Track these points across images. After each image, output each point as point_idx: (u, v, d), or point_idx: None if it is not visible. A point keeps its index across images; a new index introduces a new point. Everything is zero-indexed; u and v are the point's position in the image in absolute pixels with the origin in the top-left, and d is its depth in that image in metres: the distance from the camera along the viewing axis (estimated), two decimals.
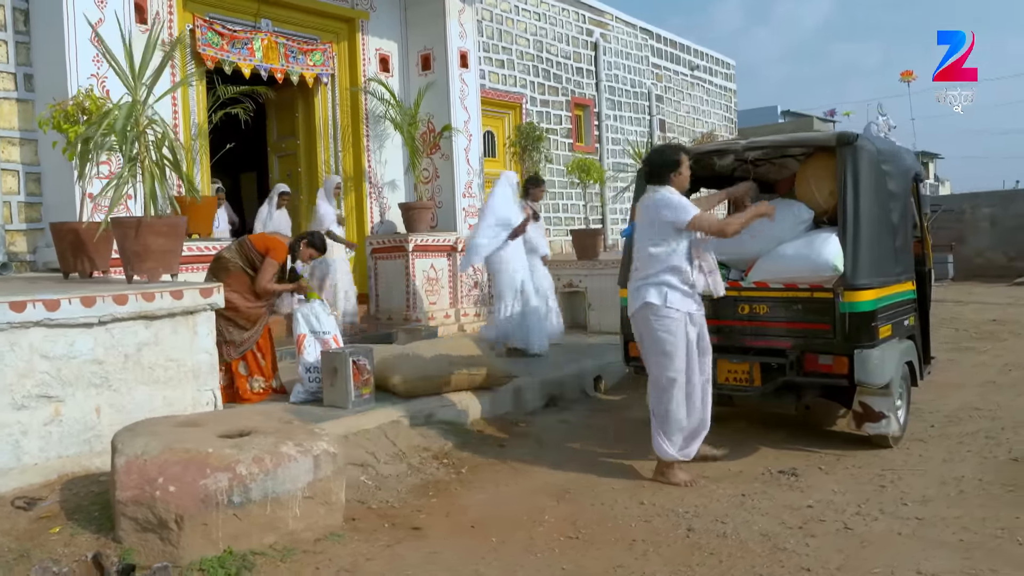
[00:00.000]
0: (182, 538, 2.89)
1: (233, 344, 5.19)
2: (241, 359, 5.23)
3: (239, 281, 5.21)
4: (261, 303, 5.32)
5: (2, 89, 5.84)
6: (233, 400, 5.16)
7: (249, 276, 5.24)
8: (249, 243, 5.34)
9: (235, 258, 5.25)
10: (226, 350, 5.15)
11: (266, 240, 5.38)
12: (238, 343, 5.20)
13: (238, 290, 5.18)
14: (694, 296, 4.12)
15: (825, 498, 3.90)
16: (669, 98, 14.22)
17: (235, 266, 5.23)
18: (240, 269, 5.23)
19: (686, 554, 3.27)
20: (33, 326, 3.55)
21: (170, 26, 6.80)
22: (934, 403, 5.92)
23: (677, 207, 4.01)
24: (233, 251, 5.32)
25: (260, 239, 5.42)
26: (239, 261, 5.25)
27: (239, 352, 5.21)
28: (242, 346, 5.22)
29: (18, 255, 5.92)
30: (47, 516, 3.21)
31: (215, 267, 5.30)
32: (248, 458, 3.07)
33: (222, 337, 5.15)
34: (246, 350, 5.24)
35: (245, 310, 5.21)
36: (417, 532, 3.56)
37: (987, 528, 3.45)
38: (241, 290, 5.20)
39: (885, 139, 5.66)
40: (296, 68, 8.09)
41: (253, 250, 5.28)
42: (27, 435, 3.54)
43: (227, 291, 5.13)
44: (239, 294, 5.18)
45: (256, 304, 5.28)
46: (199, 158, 7.19)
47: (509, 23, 10.83)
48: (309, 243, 5.56)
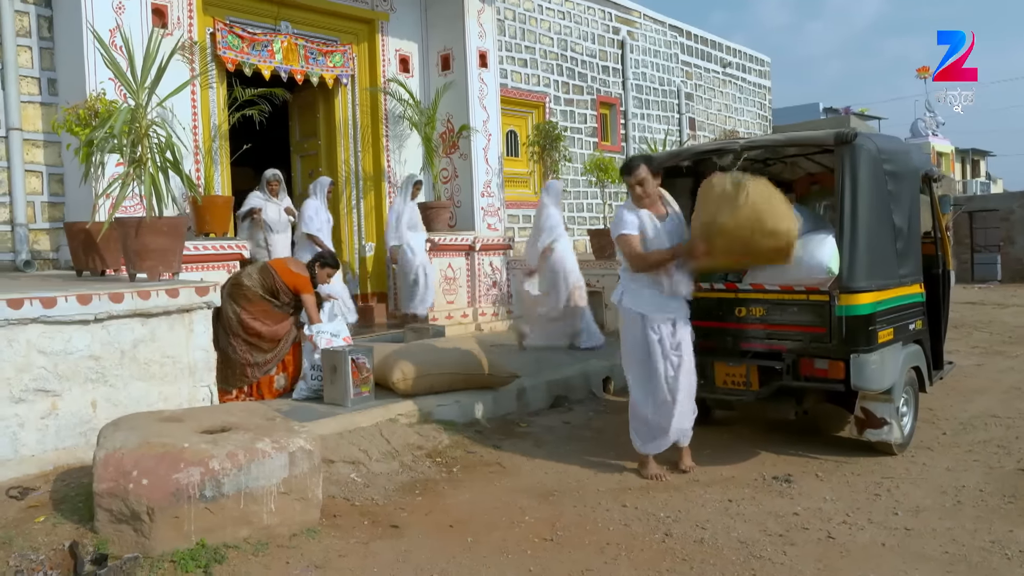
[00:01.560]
0: (154, 530, 2.97)
1: (258, 366, 5.26)
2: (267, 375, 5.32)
3: (261, 309, 5.27)
4: (282, 324, 5.36)
5: (27, 93, 6.07)
6: (252, 396, 5.28)
7: (270, 303, 5.29)
8: (275, 274, 5.34)
9: (256, 287, 5.27)
10: (251, 372, 5.25)
11: (293, 278, 5.36)
12: (262, 364, 5.28)
13: (260, 318, 5.25)
14: (654, 299, 4.18)
15: (814, 505, 3.82)
16: (700, 96, 14.03)
17: (255, 295, 5.25)
18: (260, 298, 5.27)
19: (657, 559, 3.24)
20: (31, 323, 3.69)
21: (190, 30, 6.97)
22: (952, 409, 5.75)
23: (616, 221, 4.26)
24: (255, 280, 5.31)
25: (287, 275, 5.38)
26: (259, 290, 5.28)
27: (263, 372, 5.28)
28: (266, 366, 5.29)
29: (41, 253, 6.14)
30: (35, 505, 3.33)
31: (234, 292, 5.26)
32: (222, 453, 3.14)
33: (245, 361, 5.22)
34: (270, 370, 5.31)
35: (268, 335, 5.27)
36: (395, 530, 3.59)
37: (976, 541, 3.34)
38: (262, 318, 5.26)
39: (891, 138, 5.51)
40: (316, 69, 8.21)
41: (279, 282, 5.30)
42: (24, 428, 3.68)
43: (249, 319, 5.20)
44: (261, 322, 5.25)
45: (277, 328, 5.32)
46: (219, 158, 7.35)
47: (532, 22, 10.82)
48: (323, 264, 5.63)
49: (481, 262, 8.80)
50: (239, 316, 5.21)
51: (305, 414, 4.86)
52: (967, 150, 33.99)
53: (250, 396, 5.28)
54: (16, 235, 5.98)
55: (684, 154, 5.00)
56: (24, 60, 6.06)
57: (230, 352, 5.17)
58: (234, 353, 5.19)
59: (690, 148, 5.11)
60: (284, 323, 5.37)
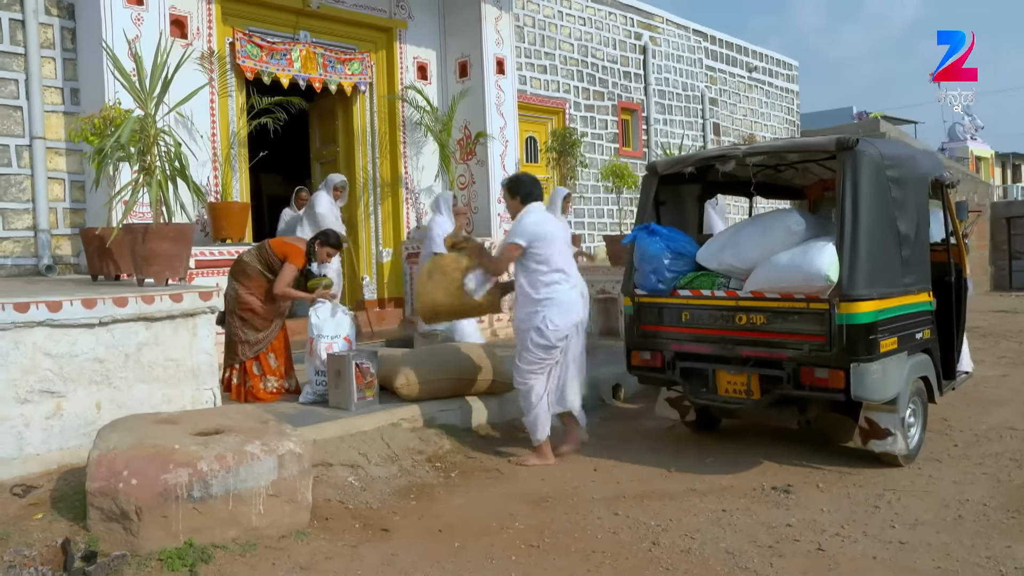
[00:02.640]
0: (142, 529, 3.04)
1: (248, 344, 5.40)
2: (255, 359, 5.43)
3: (257, 284, 5.41)
4: (277, 306, 5.51)
5: (50, 103, 6.27)
6: (247, 399, 5.38)
7: (267, 279, 5.43)
8: (268, 247, 5.52)
9: (254, 262, 5.45)
10: (241, 349, 5.38)
11: (284, 246, 5.55)
12: (252, 343, 5.41)
13: (256, 293, 5.39)
14: None
15: (809, 517, 3.76)
16: (724, 101, 13.91)
17: (254, 270, 5.43)
18: (259, 273, 5.42)
19: (641, 567, 3.22)
20: (37, 326, 3.80)
21: (209, 40, 7.13)
22: (969, 420, 5.62)
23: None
24: (253, 255, 5.52)
25: (279, 244, 5.59)
26: (258, 265, 5.45)
27: (253, 352, 5.41)
28: (256, 346, 5.43)
29: (63, 258, 6.33)
30: (35, 503, 3.43)
31: (235, 269, 5.51)
32: (211, 455, 3.20)
33: (237, 337, 5.40)
34: (260, 350, 5.44)
35: (262, 312, 5.41)
36: (385, 534, 3.62)
37: (971, 556, 3.26)
38: (258, 293, 5.40)
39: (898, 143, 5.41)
40: (334, 77, 8.34)
41: (272, 254, 5.46)
42: (30, 427, 3.80)
43: (245, 293, 5.37)
44: (256, 297, 5.39)
45: (272, 307, 5.47)
46: (237, 165, 7.50)
47: (552, 28, 10.84)
48: (324, 242, 5.64)
49: None
50: (237, 292, 5.40)
51: (309, 417, 4.93)
52: (1007, 154, 33.11)
53: (241, 386, 5.41)
54: (39, 240, 6.17)
55: (688, 160, 4.97)
56: (48, 71, 6.26)
57: (229, 330, 5.42)
58: (230, 329, 5.43)
59: (694, 155, 5.08)
60: (277, 306, 5.47)
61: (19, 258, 6.14)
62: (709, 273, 4.77)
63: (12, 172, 6.11)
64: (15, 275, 6.08)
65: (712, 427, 5.54)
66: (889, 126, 16.69)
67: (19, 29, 6.11)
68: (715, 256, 4.72)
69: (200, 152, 7.06)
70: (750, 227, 4.73)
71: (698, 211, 5.80)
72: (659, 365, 4.88)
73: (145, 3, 6.16)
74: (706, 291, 4.67)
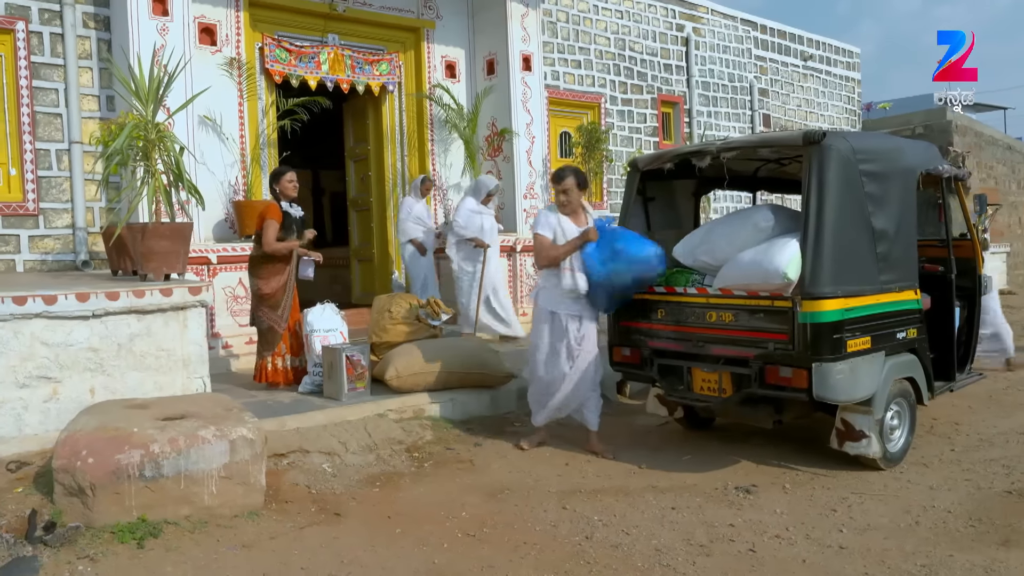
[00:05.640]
0: (96, 503, 3.31)
1: (277, 321, 5.66)
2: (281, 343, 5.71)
3: (261, 266, 5.65)
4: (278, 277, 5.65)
5: (87, 109, 6.75)
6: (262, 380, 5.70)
7: (268, 259, 5.64)
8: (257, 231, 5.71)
9: (256, 252, 5.69)
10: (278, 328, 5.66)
11: (255, 209, 5.73)
12: (279, 320, 5.66)
13: (263, 276, 5.63)
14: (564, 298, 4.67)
15: (757, 518, 3.72)
16: (776, 91, 13.51)
17: (256, 251, 5.67)
18: (261, 257, 5.65)
19: (562, 561, 3.28)
20: (34, 317, 4.16)
21: (238, 46, 7.50)
22: (981, 423, 5.38)
23: (536, 220, 4.77)
24: (255, 246, 5.74)
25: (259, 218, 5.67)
26: (257, 247, 5.67)
27: (285, 322, 5.67)
28: (282, 320, 5.67)
29: (99, 254, 6.81)
30: (21, 478, 3.78)
31: (249, 266, 5.77)
32: (164, 438, 3.45)
33: (271, 320, 5.66)
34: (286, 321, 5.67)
35: (269, 291, 5.63)
36: (336, 518, 3.80)
37: (906, 564, 3.17)
38: (267, 276, 5.62)
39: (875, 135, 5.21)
40: (362, 78, 8.59)
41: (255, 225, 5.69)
42: (28, 410, 4.17)
43: (263, 284, 5.61)
44: (264, 280, 5.63)
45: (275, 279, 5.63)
46: (266, 165, 7.85)
47: (588, 23, 10.81)
48: (274, 177, 5.83)
49: (523, 263, 8.92)
50: (257, 286, 5.66)
51: (301, 406, 5.19)
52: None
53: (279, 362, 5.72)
54: (76, 238, 6.67)
55: (666, 156, 4.94)
56: (85, 80, 6.74)
57: (260, 324, 5.68)
58: (259, 321, 5.68)
59: (671, 150, 5.05)
60: (281, 275, 5.62)
61: (59, 254, 6.65)
62: (685, 270, 4.74)
63: (53, 175, 6.62)
64: (56, 270, 6.59)
65: (706, 425, 5.48)
66: (959, 115, 15.77)
67: (59, 42, 6.61)
68: (691, 253, 4.68)
69: (228, 154, 7.46)
70: (722, 224, 4.67)
71: (693, 206, 5.73)
72: (637, 362, 4.88)
73: (171, 14, 6.55)
74: (679, 288, 4.64)
